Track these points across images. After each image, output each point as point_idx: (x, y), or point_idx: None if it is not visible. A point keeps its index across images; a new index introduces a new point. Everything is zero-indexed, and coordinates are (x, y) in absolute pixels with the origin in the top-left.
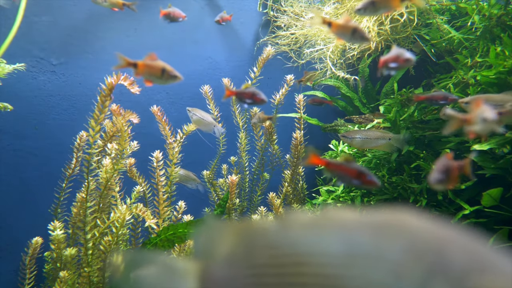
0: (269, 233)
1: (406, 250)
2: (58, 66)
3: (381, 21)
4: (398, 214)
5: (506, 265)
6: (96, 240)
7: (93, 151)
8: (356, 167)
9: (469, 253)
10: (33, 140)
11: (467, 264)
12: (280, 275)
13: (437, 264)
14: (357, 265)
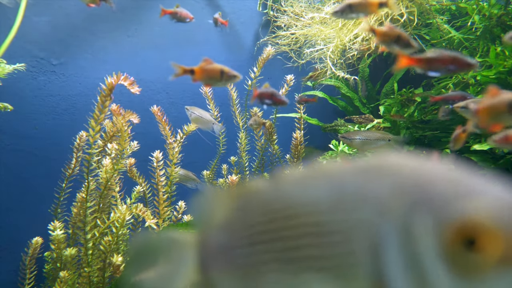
0: (262, 192)
1: (389, 187)
2: (58, 66)
3: (381, 21)
4: (383, 156)
5: (491, 189)
6: (96, 240)
7: (93, 151)
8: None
9: (453, 182)
10: (33, 140)
11: (451, 192)
12: (272, 231)
13: (420, 197)
14: (343, 208)
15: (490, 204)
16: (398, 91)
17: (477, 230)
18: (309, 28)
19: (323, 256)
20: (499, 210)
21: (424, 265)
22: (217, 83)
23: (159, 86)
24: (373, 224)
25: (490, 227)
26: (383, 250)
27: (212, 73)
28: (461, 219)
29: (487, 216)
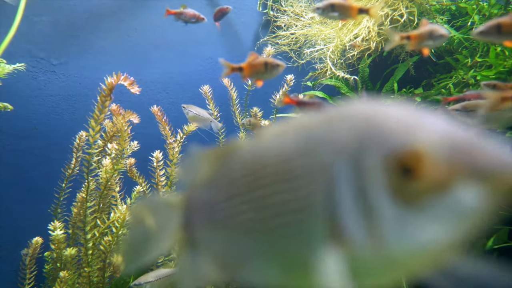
0: (241, 149)
1: (347, 130)
2: (58, 66)
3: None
4: (347, 105)
5: (434, 123)
6: (96, 240)
7: (93, 151)
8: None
9: (401, 120)
10: (33, 140)
11: (397, 128)
12: (249, 182)
13: (370, 135)
14: (307, 154)
15: (428, 136)
16: (398, 91)
17: (413, 159)
18: (309, 28)
19: (290, 200)
20: (434, 140)
21: (372, 197)
22: (264, 76)
23: (159, 86)
24: (330, 164)
25: (424, 155)
26: (337, 187)
27: (257, 67)
28: (400, 149)
29: (422, 145)
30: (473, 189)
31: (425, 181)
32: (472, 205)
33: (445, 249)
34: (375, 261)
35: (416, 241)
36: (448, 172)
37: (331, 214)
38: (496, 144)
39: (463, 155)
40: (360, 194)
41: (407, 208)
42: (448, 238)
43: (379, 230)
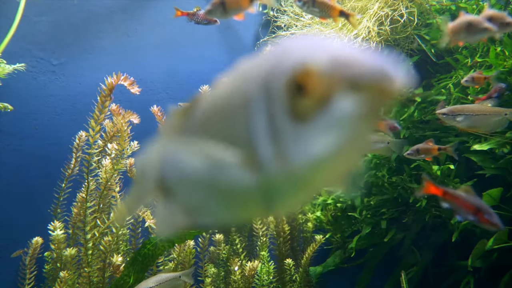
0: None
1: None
2: (58, 66)
3: (381, 21)
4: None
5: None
6: (96, 240)
7: (93, 151)
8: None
9: (306, 46)
10: (33, 140)
11: (298, 53)
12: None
13: (280, 63)
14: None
15: (317, 55)
16: None
17: (303, 76)
18: (309, 28)
19: (226, 128)
20: (321, 57)
21: (276, 119)
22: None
23: (159, 86)
24: (249, 97)
25: (311, 71)
26: (253, 117)
27: None
28: (293, 69)
29: (310, 63)
30: (352, 98)
31: (313, 96)
32: (353, 113)
33: (341, 160)
34: (285, 180)
35: (314, 154)
36: (330, 85)
37: (250, 143)
38: (380, 57)
39: (343, 68)
40: (269, 119)
41: (303, 125)
42: (340, 148)
43: (283, 149)
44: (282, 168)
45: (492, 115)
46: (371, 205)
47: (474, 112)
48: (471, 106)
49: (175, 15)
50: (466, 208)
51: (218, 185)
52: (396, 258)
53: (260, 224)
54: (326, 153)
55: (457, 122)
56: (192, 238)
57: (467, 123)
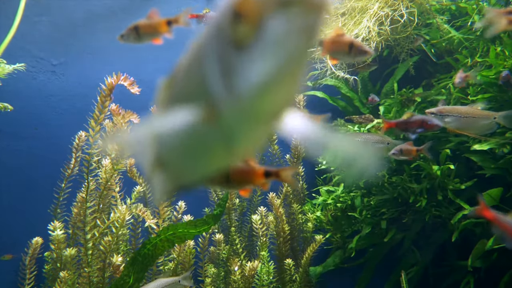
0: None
1: (218, 11)
2: (58, 66)
3: (381, 21)
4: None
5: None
6: (96, 240)
7: (93, 151)
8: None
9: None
10: (33, 140)
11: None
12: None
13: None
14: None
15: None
16: (398, 91)
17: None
18: None
19: (191, 86)
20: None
21: (224, 53)
22: (345, 57)
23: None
24: (204, 43)
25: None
26: (206, 61)
27: (340, 45)
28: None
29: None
30: (284, 16)
31: (249, 20)
32: (287, 30)
33: (286, 82)
34: (238, 114)
35: (258, 79)
36: (262, 6)
37: (207, 88)
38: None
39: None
40: (219, 57)
41: (245, 52)
42: (281, 68)
43: (232, 81)
44: (233, 101)
45: (480, 118)
46: (371, 205)
47: (462, 114)
48: (460, 108)
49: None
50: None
51: (190, 144)
52: (396, 258)
53: (260, 224)
54: (269, 76)
55: (445, 122)
56: (192, 238)
57: (455, 124)
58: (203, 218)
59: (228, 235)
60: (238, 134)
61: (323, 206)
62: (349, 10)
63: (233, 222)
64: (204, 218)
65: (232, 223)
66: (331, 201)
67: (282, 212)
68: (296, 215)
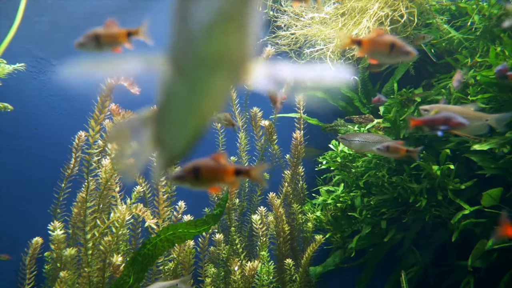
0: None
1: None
2: (58, 66)
3: (381, 21)
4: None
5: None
6: (96, 240)
7: (93, 151)
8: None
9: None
10: (33, 140)
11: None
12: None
13: None
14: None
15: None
16: (398, 91)
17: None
18: (309, 28)
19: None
20: None
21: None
22: (385, 58)
23: None
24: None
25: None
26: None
27: (380, 46)
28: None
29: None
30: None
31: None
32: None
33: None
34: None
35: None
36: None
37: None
38: None
39: None
40: (178, 8)
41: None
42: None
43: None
44: (188, 44)
45: (472, 118)
46: (371, 205)
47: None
48: (453, 107)
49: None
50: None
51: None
52: (396, 258)
53: (260, 224)
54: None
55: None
56: (192, 238)
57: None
58: (203, 218)
59: (228, 235)
60: (199, 82)
61: (323, 206)
62: (349, 10)
63: (233, 222)
64: (204, 218)
65: (232, 223)
66: (331, 201)
67: (282, 212)
68: (296, 215)
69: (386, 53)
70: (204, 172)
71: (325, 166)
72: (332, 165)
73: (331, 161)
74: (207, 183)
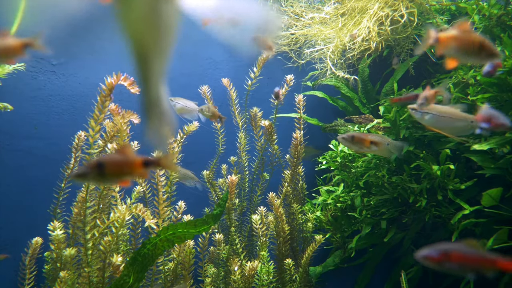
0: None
1: None
2: (58, 66)
3: (381, 21)
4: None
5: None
6: (96, 240)
7: (93, 151)
8: None
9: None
10: (33, 140)
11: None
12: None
13: None
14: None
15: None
16: (398, 91)
17: None
18: (309, 28)
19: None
20: None
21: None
22: (469, 58)
23: None
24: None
25: None
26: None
27: (467, 44)
28: None
29: None
30: None
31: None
32: None
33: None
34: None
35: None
36: None
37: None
38: None
39: None
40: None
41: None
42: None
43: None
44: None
45: (457, 119)
46: (371, 205)
47: (440, 113)
48: (440, 107)
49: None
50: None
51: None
52: (396, 258)
53: (260, 224)
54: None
55: (424, 120)
56: (192, 238)
57: (432, 122)
58: (203, 218)
59: (228, 235)
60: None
61: (323, 206)
62: (349, 10)
63: (233, 222)
64: (204, 218)
65: (232, 223)
66: (331, 201)
67: (282, 212)
68: (296, 215)
69: (473, 53)
70: (109, 167)
71: (325, 166)
72: (332, 165)
73: (331, 161)
74: (115, 178)
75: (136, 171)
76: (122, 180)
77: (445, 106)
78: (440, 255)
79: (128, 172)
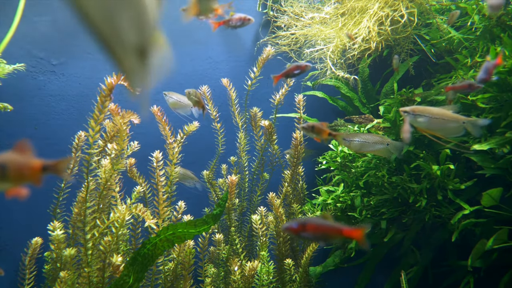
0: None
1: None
2: (58, 66)
3: (381, 21)
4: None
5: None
6: (96, 240)
7: (93, 151)
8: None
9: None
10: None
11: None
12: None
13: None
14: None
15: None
16: (398, 91)
17: None
18: (309, 28)
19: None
20: None
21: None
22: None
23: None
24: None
25: None
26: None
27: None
28: None
29: None
30: None
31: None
32: None
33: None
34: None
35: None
36: None
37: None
38: None
39: None
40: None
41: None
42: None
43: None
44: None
45: (449, 121)
46: (371, 205)
47: (433, 115)
48: (432, 109)
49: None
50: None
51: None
52: (396, 258)
53: (260, 224)
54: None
55: (417, 122)
56: (191, 238)
57: (425, 124)
58: (203, 218)
59: (228, 235)
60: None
61: (323, 206)
62: (349, 10)
63: (233, 222)
64: (204, 218)
65: (232, 223)
66: (331, 201)
67: (282, 212)
68: (296, 215)
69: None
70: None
71: (325, 166)
72: (332, 165)
73: (331, 161)
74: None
75: (34, 176)
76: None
77: (436, 108)
78: (299, 226)
79: (26, 176)
